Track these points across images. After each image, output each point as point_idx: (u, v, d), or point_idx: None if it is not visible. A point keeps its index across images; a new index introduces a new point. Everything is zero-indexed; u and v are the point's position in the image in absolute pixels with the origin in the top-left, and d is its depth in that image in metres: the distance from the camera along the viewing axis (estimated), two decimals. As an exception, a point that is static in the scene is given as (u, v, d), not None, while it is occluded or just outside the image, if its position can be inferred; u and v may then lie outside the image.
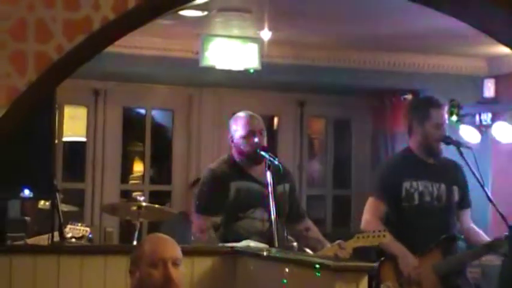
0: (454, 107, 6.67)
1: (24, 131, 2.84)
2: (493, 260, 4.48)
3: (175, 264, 2.54)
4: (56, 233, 3.76)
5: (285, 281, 2.97)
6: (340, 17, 5.83)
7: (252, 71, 6.40)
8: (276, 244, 3.54)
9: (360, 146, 7.66)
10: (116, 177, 7.09)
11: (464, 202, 4.17)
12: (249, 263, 3.36)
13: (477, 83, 6.99)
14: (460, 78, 7.03)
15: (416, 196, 4.00)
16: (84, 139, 7.03)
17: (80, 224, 5.16)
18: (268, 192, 3.60)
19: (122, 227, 6.78)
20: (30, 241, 4.64)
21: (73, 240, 4.52)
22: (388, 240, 3.71)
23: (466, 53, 6.86)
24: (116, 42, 2.48)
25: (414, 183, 4.00)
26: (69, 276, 3.24)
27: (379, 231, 3.65)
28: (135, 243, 5.08)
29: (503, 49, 5.93)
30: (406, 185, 3.99)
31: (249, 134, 3.78)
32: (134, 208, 5.16)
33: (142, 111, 7.35)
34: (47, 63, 2.21)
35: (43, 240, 4.54)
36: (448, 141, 4.05)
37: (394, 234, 3.87)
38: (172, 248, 2.58)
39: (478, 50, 6.65)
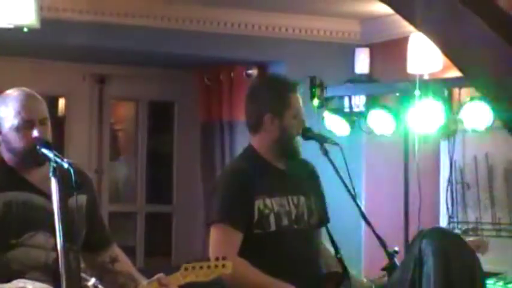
0: (316, 87, 6.73)
1: None
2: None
3: None
4: None
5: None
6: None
7: (25, 30, 6.17)
8: (64, 283, 3.43)
9: (184, 142, 7.77)
10: None
11: (322, 218, 4.23)
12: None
13: (346, 53, 7.24)
14: (322, 47, 7.27)
15: (271, 219, 4.02)
16: None
17: None
18: (54, 208, 3.51)
19: None
20: None
21: None
22: (236, 271, 3.66)
23: (330, 12, 7.05)
24: None
25: (268, 201, 4.02)
26: None
27: (218, 259, 3.59)
28: None
29: (381, 6, 6.01)
30: (259, 204, 4.00)
31: (26, 125, 3.68)
32: None
33: None
34: None
35: None
36: (308, 134, 4.04)
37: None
38: None
39: (347, 7, 6.86)
